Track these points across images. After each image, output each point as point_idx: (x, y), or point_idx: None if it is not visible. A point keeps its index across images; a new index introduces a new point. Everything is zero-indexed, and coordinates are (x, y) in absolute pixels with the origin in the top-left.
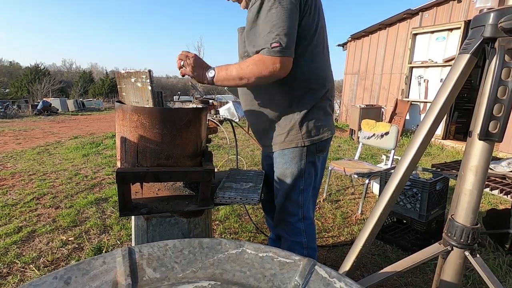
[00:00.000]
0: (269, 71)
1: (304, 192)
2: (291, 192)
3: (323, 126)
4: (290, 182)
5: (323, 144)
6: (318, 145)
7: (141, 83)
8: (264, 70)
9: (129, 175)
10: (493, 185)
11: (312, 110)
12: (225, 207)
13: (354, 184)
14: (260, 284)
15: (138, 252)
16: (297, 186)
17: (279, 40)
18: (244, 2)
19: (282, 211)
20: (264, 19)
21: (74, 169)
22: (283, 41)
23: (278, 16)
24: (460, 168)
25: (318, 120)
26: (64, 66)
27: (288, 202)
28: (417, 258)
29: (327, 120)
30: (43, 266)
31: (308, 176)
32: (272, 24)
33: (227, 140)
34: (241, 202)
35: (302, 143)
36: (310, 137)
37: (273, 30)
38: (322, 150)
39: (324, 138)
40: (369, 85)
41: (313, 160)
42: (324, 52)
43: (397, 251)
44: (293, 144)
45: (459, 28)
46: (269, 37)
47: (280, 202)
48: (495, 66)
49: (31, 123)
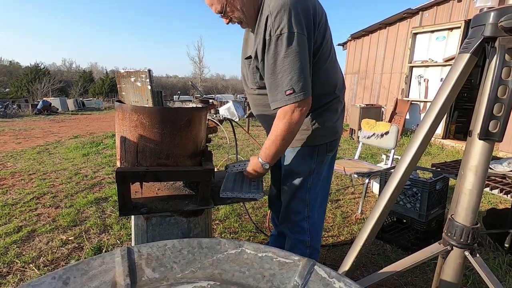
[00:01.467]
0: (288, 121)
1: (311, 191)
2: (298, 190)
3: (335, 126)
4: (299, 180)
5: (334, 143)
6: (329, 145)
7: (141, 83)
8: (284, 123)
9: (129, 174)
10: (493, 185)
11: (325, 111)
12: (225, 207)
13: (354, 183)
14: (259, 284)
15: (137, 252)
16: (305, 184)
17: (291, 86)
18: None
19: (288, 209)
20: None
21: (74, 169)
22: (297, 87)
23: (290, 61)
24: (460, 167)
25: (330, 121)
26: (64, 66)
27: (294, 200)
28: (417, 257)
29: (338, 121)
30: (43, 265)
31: (316, 175)
32: (285, 70)
33: (227, 139)
34: (247, 197)
35: (314, 142)
36: (322, 136)
37: (287, 77)
38: (332, 149)
39: (334, 138)
40: (369, 84)
41: (323, 159)
42: (333, 57)
43: (397, 251)
44: (305, 143)
45: (459, 28)
46: (283, 84)
47: (286, 200)
48: (495, 65)
49: (31, 122)
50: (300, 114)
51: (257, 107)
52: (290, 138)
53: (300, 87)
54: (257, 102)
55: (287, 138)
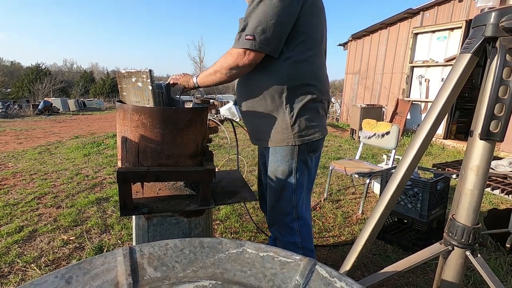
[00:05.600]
0: (235, 62)
1: (297, 191)
2: (283, 191)
3: (315, 126)
4: (282, 180)
5: (315, 144)
6: (310, 145)
7: (142, 83)
8: (232, 61)
9: (130, 174)
10: (494, 185)
11: (305, 111)
12: (226, 207)
13: (355, 183)
14: (260, 284)
15: (139, 251)
16: (289, 185)
17: (253, 33)
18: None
19: (275, 210)
20: (252, 10)
21: (75, 169)
22: (258, 36)
23: (263, 11)
24: (461, 167)
25: (310, 121)
26: (65, 66)
27: (281, 201)
28: (418, 258)
29: (319, 121)
30: (44, 265)
31: (300, 175)
32: (257, 18)
33: (228, 139)
34: None
35: (293, 142)
36: (301, 136)
37: (253, 24)
38: (314, 150)
39: (316, 139)
40: (370, 84)
41: (305, 159)
42: (322, 55)
43: (398, 251)
44: (285, 142)
45: (460, 28)
46: (248, 29)
47: (272, 201)
48: (496, 65)
49: (32, 122)
50: (248, 62)
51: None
52: (223, 77)
53: (262, 39)
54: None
55: (223, 74)
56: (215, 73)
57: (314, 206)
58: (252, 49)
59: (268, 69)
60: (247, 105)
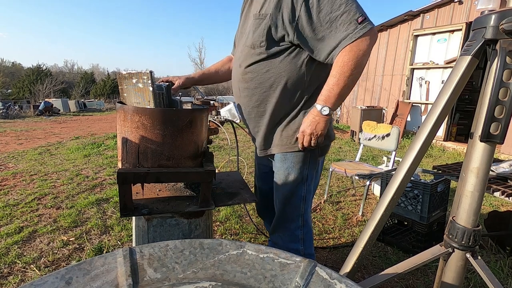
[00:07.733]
0: (363, 49)
1: (306, 198)
2: (293, 198)
3: (329, 129)
4: (292, 187)
5: (326, 148)
6: (321, 149)
7: (143, 84)
8: (358, 52)
9: (130, 175)
10: (494, 187)
11: None
12: (226, 208)
13: (355, 185)
14: (260, 285)
15: (139, 252)
16: (299, 191)
17: (362, 13)
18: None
19: (281, 217)
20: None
21: (75, 170)
22: (365, 14)
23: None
24: (462, 169)
25: None
26: (66, 67)
27: (288, 208)
28: (418, 260)
29: (331, 124)
30: (44, 266)
31: (310, 181)
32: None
33: (228, 141)
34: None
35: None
36: None
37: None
38: (323, 153)
39: (326, 143)
40: (370, 86)
41: (315, 164)
42: None
43: (398, 253)
44: (297, 148)
45: (461, 30)
46: (350, 13)
47: (280, 209)
48: (497, 68)
49: (32, 123)
50: (370, 44)
51: (247, 83)
52: (357, 75)
53: (367, 16)
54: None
55: (355, 74)
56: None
57: (314, 207)
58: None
59: (290, 69)
60: (257, 104)
